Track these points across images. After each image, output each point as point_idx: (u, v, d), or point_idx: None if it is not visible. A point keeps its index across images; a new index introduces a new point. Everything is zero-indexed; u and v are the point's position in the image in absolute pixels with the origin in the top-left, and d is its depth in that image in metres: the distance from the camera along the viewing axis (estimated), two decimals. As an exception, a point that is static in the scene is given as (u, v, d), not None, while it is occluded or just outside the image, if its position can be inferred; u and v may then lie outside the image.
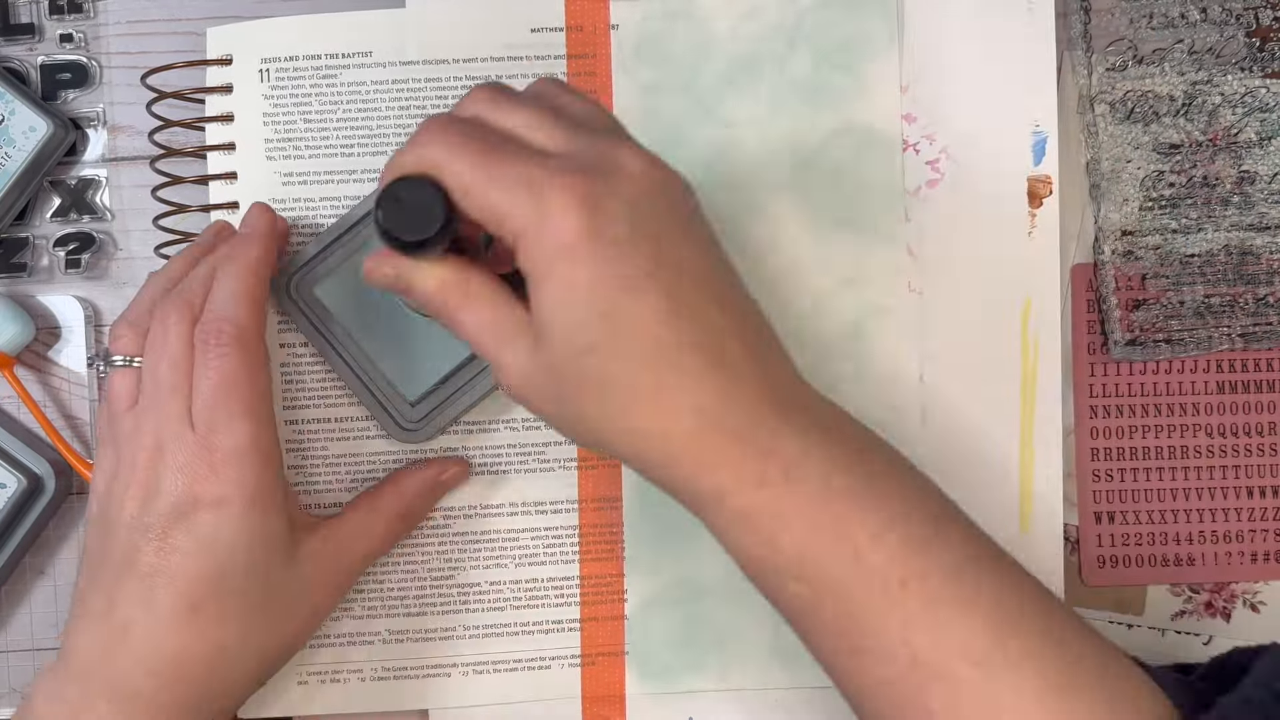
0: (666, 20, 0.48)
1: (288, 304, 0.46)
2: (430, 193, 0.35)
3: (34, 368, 0.50)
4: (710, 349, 0.35)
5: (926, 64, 0.48)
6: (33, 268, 0.49)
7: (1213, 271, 0.49)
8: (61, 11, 0.49)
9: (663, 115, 0.48)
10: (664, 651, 0.48)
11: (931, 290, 0.48)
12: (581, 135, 0.35)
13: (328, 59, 0.47)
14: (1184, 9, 0.49)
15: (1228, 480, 0.49)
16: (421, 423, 0.46)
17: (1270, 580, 0.49)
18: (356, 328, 0.45)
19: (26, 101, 0.47)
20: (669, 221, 0.35)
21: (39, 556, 0.49)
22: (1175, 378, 0.49)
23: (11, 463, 0.47)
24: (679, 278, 0.35)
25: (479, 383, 0.46)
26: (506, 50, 0.48)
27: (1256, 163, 0.49)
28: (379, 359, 0.45)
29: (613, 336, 0.34)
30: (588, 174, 0.34)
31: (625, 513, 0.48)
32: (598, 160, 0.35)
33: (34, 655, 0.50)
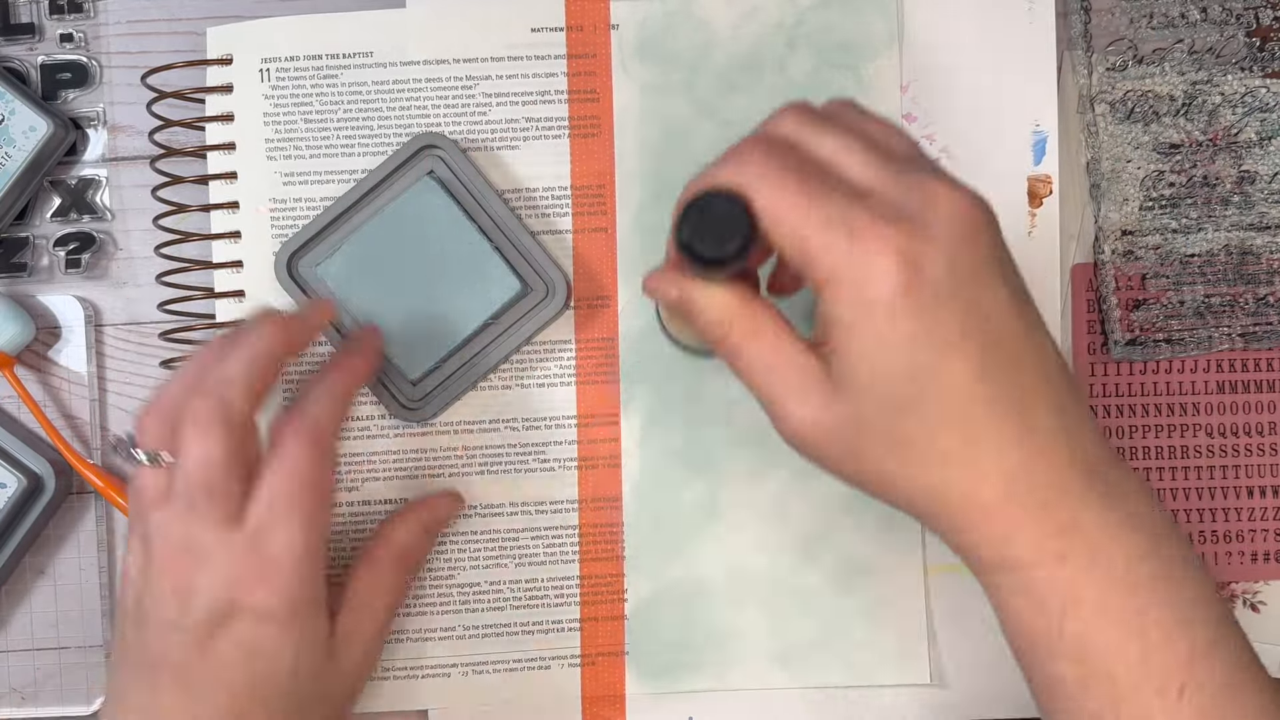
0: (666, 20, 0.48)
1: (289, 284, 0.46)
2: (736, 211, 0.33)
3: (34, 368, 0.50)
4: (1020, 412, 0.33)
5: (926, 64, 0.48)
6: (33, 267, 0.49)
7: (1213, 271, 0.49)
8: (61, 11, 0.49)
9: (663, 115, 0.48)
10: (664, 651, 0.48)
11: (932, 290, 0.48)
12: (893, 167, 0.34)
13: (328, 59, 0.48)
14: (1184, 9, 0.49)
15: (1228, 480, 0.49)
16: (423, 401, 0.46)
17: (1270, 580, 0.49)
18: (358, 307, 0.46)
19: (26, 101, 0.47)
20: (984, 271, 0.33)
21: (39, 556, 0.49)
22: (1175, 378, 0.49)
23: (11, 463, 0.47)
24: (993, 335, 0.33)
25: (480, 361, 0.46)
26: (507, 50, 0.48)
27: (1257, 162, 0.49)
28: None
29: (923, 395, 0.33)
30: (907, 222, 0.32)
31: (625, 513, 0.48)
32: (914, 201, 0.33)
33: (34, 655, 0.50)
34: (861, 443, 0.34)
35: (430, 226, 0.45)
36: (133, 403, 0.50)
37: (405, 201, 0.45)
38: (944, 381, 0.33)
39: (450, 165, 0.46)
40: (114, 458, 0.43)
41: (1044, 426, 0.33)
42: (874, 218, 0.32)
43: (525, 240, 0.46)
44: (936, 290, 0.32)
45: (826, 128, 0.35)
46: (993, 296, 0.33)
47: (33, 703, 0.50)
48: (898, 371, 0.33)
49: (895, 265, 0.32)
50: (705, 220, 0.34)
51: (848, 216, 0.32)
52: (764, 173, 0.33)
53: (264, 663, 0.38)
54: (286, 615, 0.38)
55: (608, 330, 0.48)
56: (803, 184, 0.33)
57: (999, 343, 0.33)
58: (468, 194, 0.47)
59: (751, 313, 0.35)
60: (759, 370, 0.35)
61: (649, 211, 0.48)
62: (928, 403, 0.33)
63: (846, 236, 0.32)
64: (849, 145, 0.34)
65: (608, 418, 0.48)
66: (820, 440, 0.35)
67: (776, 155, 0.34)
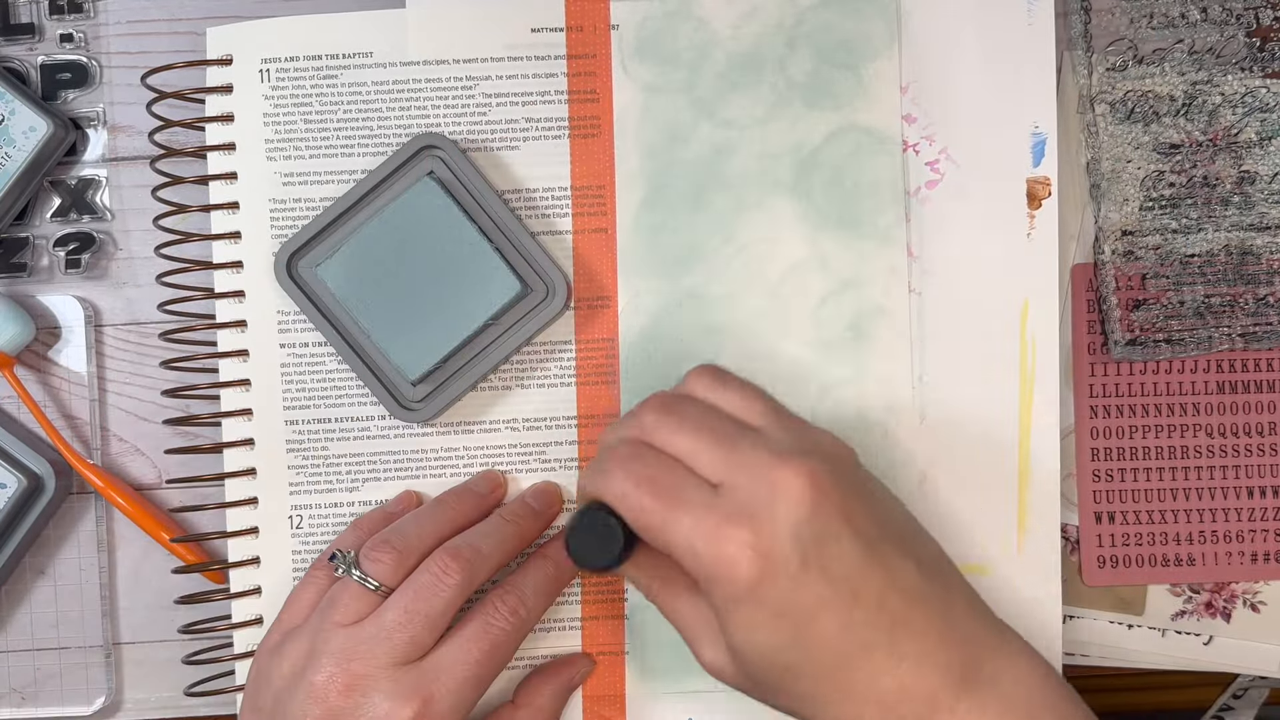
0: (666, 20, 0.48)
1: (289, 285, 0.46)
2: (610, 524, 0.39)
3: (34, 368, 0.50)
4: (888, 648, 0.37)
5: (926, 64, 0.48)
6: (33, 268, 0.49)
7: (1213, 271, 0.49)
8: (62, 11, 0.49)
9: (663, 115, 0.48)
10: (664, 651, 0.48)
11: (931, 290, 0.48)
12: (738, 455, 0.38)
13: (328, 59, 0.47)
14: (1184, 9, 0.49)
15: (1228, 480, 0.49)
16: (423, 402, 0.46)
17: (1270, 580, 0.49)
18: (358, 308, 0.46)
19: (26, 101, 0.47)
20: (833, 535, 0.37)
21: (39, 556, 0.50)
22: (1175, 378, 0.49)
23: (11, 463, 0.47)
24: (849, 589, 0.37)
25: (480, 362, 0.46)
26: (507, 50, 0.48)
27: (1257, 163, 0.49)
28: (381, 339, 0.46)
29: (801, 658, 0.37)
30: (752, 515, 0.37)
31: (625, 513, 0.48)
32: (757, 490, 0.37)
33: (34, 655, 0.50)
34: (766, 692, 0.39)
35: (430, 227, 0.45)
36: (133, 403, 0.50)
37: (405, 202, 0.45)
38: (815, 644, 0.37)
39: (450, 166, 0.46)
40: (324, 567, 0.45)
41: (913, 653, 0.37)
42: (722, 519, 0.37)
43: (525, 241, 0.46)
44: (790, 572, 0.36)
45: (679, 423, 0.40)
46: (843, 556, 0.37)
47: (33, 703, 0.50)
48: (775, 646, 0.37)
49: (750, 561, 0.36)
50: (586, 536, 0.40)
51: (701, 524, 0.37)
52: (623, 488, 0.39)
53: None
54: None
55: (608, 330, 0.48)
56: (656, 495, 0.38)
57: (856, 597, 0.37)
58: (468, 194, 0.47)
59: (662, 575, 0.41)
60: (674, 621, 0.41)
61: (649, 211, 0.48)
62: (808, 663, 0.37)
63: (704, 543, 0.37)
64: (698, 443, 0.39)
65: (608, 418, 0.48)
66: (730, 681, 0.40)
67: (633, 465, 0.39)
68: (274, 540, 0.48)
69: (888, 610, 0.37)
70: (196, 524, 0.49)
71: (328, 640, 0.41)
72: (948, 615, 0.39)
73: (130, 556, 0.50)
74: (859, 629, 0.37)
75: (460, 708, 0.41)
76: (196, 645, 0.48)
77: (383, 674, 0.40)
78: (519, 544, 0.45)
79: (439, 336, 0.45)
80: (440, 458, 0.48)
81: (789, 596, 0.37)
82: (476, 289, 0.45)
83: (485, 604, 0.43)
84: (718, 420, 0.40)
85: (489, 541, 0.43)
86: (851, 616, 0.37)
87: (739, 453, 0.38)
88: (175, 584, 0.49)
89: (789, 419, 0.41)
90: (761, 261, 0.48)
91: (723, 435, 0.39)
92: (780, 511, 0.37)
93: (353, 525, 0.46)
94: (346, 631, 0.41)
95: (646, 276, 0.48)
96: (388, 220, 0.45)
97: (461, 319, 0.45)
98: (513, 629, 0.42)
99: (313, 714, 0.40)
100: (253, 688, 0.42)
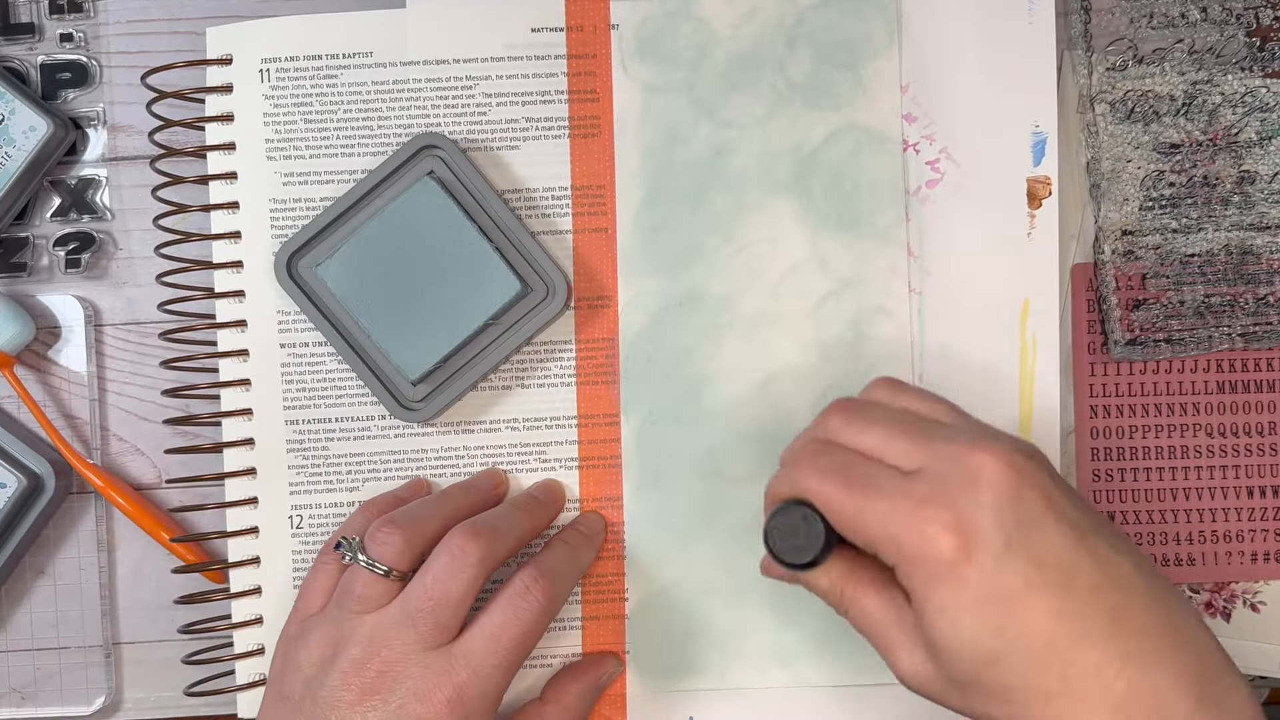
0: (666, 20, 0.48)
1: (289, 285, 0.46)
2: (810, 519, 0.38)
3: (34, 367, 0.50)
4: (1109, 643, 0.34)
5: (926, 64, 0.48)
6: (33, 267, 0.49)
7: (1213, 271, 0.49)
8: (61, 11, 0.49)
9: (663, 115, 0.48)
10: (664, 651, 0.48)
11: (931, 290, 0.48)
12: (932, 444, 0.37)
13: (328, 59, 0.47)
14: (1184, 8, 0.49)
15: (1228, 480, 0.49)
16: (423, 402, 0.46)
17: (1270, 580, 0.49)
18: (358, 308, 0.46)
19: (26, 101, 0.47)
20: (1038, 520, 0.35)
21: (39, 556, 0.50)
22: (1175, 378, 0.49)
23: (11, 463, 0.47)
24: (1060, 577, 0.35)
25: (480, 362, 0.46)
26: (507, 50, 0.48)
27: (1257, 162, 0.49)
28: (381, 339, 0.46)
29: (1009, 647, 0.35)
30: (951, 495, 0.35)
31: (625, 513, 0.48)
32: (956, 474, 0.36)
33: (34, 655, 0.50)
34: (966, 692, 0.36)
35: (430, 227, 0.45)
36: (132, 402, 0.50)
37: (405, 202, 0.45)
38: (1024, 631, 0.34)
39: (450, 165, 0.46)
40: (331, 554, 0.44)
41: (1141, 653, 0.34)
42: (920, 500, 0.36)
43: (525, 240, 0.46)
44: (994, 552, 0.35)
45: (867, 421, 0.39)
46: (1051, 542, 0.35)
47: (33, 703, 0.50)
48: (979, 632, 0.35)
49: (951, 540, 0.35)
50: (785, 533, 0.38)
51: (897, 508, 0.36)
52: (818, 481, 0.37)
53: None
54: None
55: (608, 330, 0.48)
56: (851, 484, 0.37)
57: (1069, 584, 0.35)
58: (468, 194, 0.47)
59: (855, 578, 0.39)
60: (867, 627, 0.39)
61: (649, 211, 0.48)
62: (1014, 654, 0.35)
63: (901, 526, 0.35)
64: (889, 435, 0.38)
65: (608, 418, 0.48)
66: (930, 688, 0.37)
67: (824, 460, 0.38)
68: (274, 540, 0.48)
69: (1105, 602, 0.35)
70: (196, 524, 0.49)
71: (354, 628, 0.41)
72: (1171, 619, 0.35)
73: (130, 556, 0.50)
74: (1072, 618, 0.34)
75: (491, 693, 0.41)
76: (196, 645, 0.48)
77: (413, 660, 0.40)
78: (531, 532, 0.45)
79: (439, 336, 0.45)
80: (440, 457, 0.48)
81: (993, 578, 0.34)
82: (476, 289, 0.45)
83: (514, 586, 0.42)
84: (905, 416, 0.39)
85: (504, 523, 0.43)
86: (1063, 603, 0.34)
87: (932, 442, 0.37)
88: (175, 584, 0.49)
89: (976, 420, 0.40)
90: (761, 261, 0.48)
91: (913, 428, 0.38)
92: (981, 493, 0.35)
93: (362, 508, 0.46)
94: (372, 618, 0.41)
95: (646, 276, 0.48)
96: (388, 220, 0.45)
97: (461, 319, 0.45)
98: (543, 611, 0.42)
99: (345, 700, 0.40)
100: (278, 675, 0.42)
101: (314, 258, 0.47)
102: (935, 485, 0.36)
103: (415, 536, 0.42)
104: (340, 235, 0.46)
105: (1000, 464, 0.36)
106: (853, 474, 0.37)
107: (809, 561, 0.38)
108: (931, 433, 0.38)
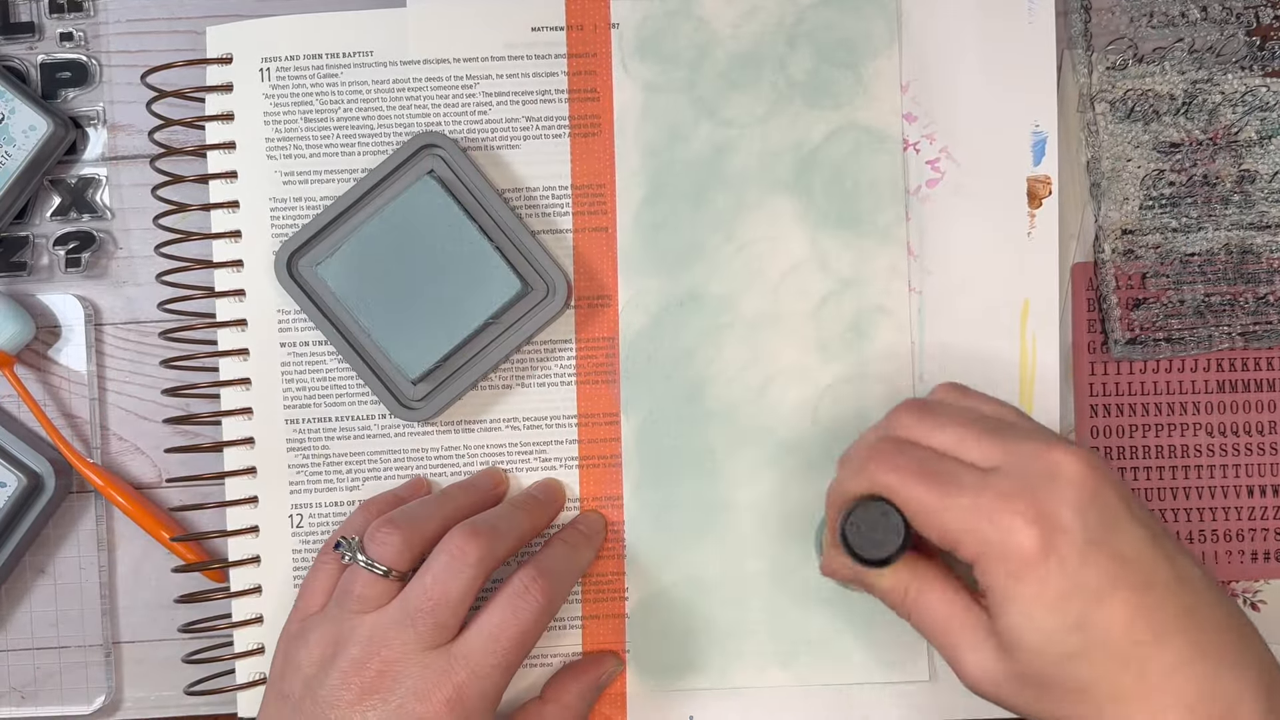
0: (667, 19, 0.48)
1: (289, 284, 0.46)
2: (889, 515, 0.38)
3: (34, 367, 0.50)
4: (1186, 643, 0.35)
5: (926, 64, 0.48)
6: (33, 266, 0.49)
7: (1213, 270, 0.49)
8: (61, 10, 0.49)
9: (663, 114, 0.48)
10: (664, 651, 0.48)
11: (931, 290, 0.48)
12: (1008, 442, 0.37)
13: (328, 58, 0.47)
14: (1184, 8, 0.49)
15: (1228, 480, 0.49)
16: (423, 401, 0.46)
17: (1270, 580, 0.49)
18: (358, 307, 0.46)
19: (26, 100, 0.47)
20: (1116, 519, 0.36)
21: (39, 556, 0.49)
22: (1175, 377, 0.49)
23: (11, 462, 0.47)
24: (1141, 575, 0.35)
25: (480, 361, 0.46)
26: (507, 49, 0.48)
27: (1257, 161, 0.49)
28: (381, 338, 0.46)
29: (1088, 644, 0.35)
30: (1033, 491, 0.35)
31: (625, 513, 0.48)
32: (1034, 468, 0.36)
33: (34, 655, 0.50)
34: (1039, 692, 0.36)
35: (430, 226, 0.45)
36: (133, 402, 0.50)
37: (405, 201, 0.45)
38: (1105, 628, 0.34)
39: (450, 164, 0.46)
40: (331, 553, 0.44)
41: (1215, 654, 0.35)
42: (1001, 494, 0.35)
43: (526, 240, 0.46)
44: (1077, 547, 0.35)
45: (939, 419, 0.39)
46: (1130, 540, 0.35)
47: (33, 702, 0.50)
48: (1059, 627, 0.35)
49: (1034, 534, 0.35)
50: (863, 527, 0.38)
51: (979, 502, 0.36)
52: (898, 477, 0.37)
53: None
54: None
55: (608, 330, 0.48)
56: (931, 480, 0.37)
57: (1149, 581, 0.35)
58: (468, 193, 0.47)
59: (920, 576, 0.39)
60: (932, 626, 0.38)
61: (649, 211, 0.48)
62: (1094, 650, 0.35)
63: (983, 520, 0.35)
64: (964, 430, 0.38)
65: (608, 417, 0.48)
66: (997, 688, 0.37)
67: (905, 458, 0.38)
68: (274, 539, 0.48)
69: (1181, 601, 0.35)
70: (196, 523, 0.49)
71: (354, 628, 0.41)
72: (1238, 620, 0.36)
73: (130, 555, 0.50)
74: (1153, 615, 0.34)
75: (490, 693, 0.41)
76: (196, 644, 0.48)
77: (413, 659, 0.40)
78: (531, 531, 0.45)
79: (439, 335, 0.45)
80: (441, 456, 0.48)
81: (1076, 573, 0.34)
82: (477, 288, 0.45)
83: (512, 586, 0.42)
84: (979, 416, 0.39)
85: (504, 523, 0.43)
86: (1145, 600, 0.35)
87: (1008, 440, 0.37)
88: (175, 583, 0.49)
89: (1039, 423, 0.40)
90: (762, 260, 0.48)
91: (988, 427, 0.38)
92: (1062, 489, 0.35)
93: (361, 507, 0.46)
94: (372, 618, 0.41)
95: (647, 275, 0.48)
96: (388, 219, 0.45)
97: (462, 318, 0.45)
98: (542, 610, 0.42)
99: (344, 700, 0.40)
100: (278, 673, 0.42)
101: (314, 257, 0.47)
102: (1016, 481, 0.36)
103: (415, 536, 0.42)
104: (340, 234, 0.46)
105: (1080, 463, 0.36)
106: (932, 470, 0.37)
107: (885, 558, 0.38)
108: (1005, 432, 0.38)
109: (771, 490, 0.48)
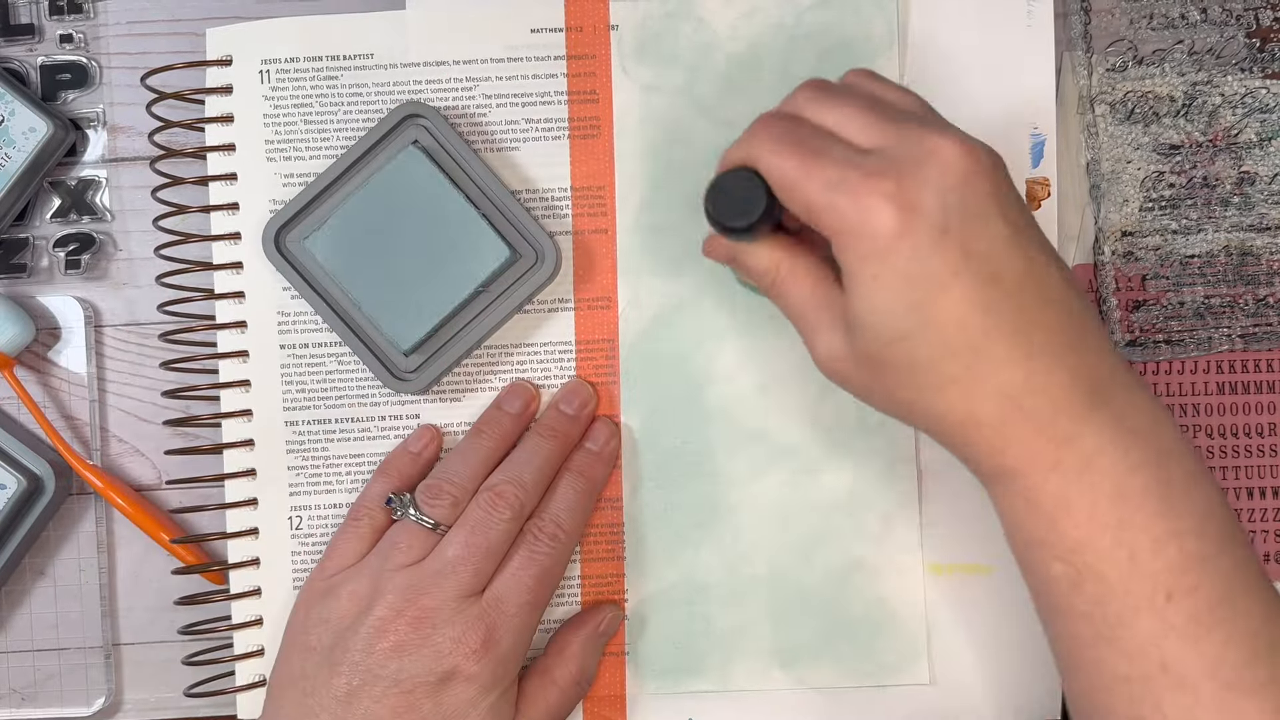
0: (666, 20, 0.48)
1: (277, 259, 0.46)
2: (754, 184, 0.38)
3: (34, 368, 0.50)
4: (1017, 337, 0.35)
5: (926, 64, 0.48)
6: (33, 268, 0.49)
7: (1213, 272, 0.49)
8: (61, 12, 0.49)
9: (663, 116, 0.48)
10: (664, 651, 0.48)
11: (931, 291, 0.48)
12: (894, 125, 0.37)
13: (328, 60, 0.48)
14: (1184, 9, 0.49)
15: (1228, 480, 0.49)
16: (415, 373, 0.46)
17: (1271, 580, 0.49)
18: (348, 280, 0.46)
19: (26, 102, 0.47)
20: (983, 209, 0.35)
21: (39, 557, 0.50)
22: (1175, 378, 0.49)
23: (11, 463, 0.47)
24: (988, 268, 0.35)
25: (470, 332, 0.46)
26: (506, 51, 0.48)
27: (1257, 163, 0.49)
28: (371, 310, 0.46)
29: (922, 327, 0.35)
30: (900, 171, 0.35)
31: (625, 513, 0.48)
32: (910, 152, 0.36)
33: (34, 655, 0.50)
34: (879, 373, 0.37)
35: (416, 196, 0.45)
36: (132, 403, 0.50)
37: (391, 172, 0.45)
38: (941, 315, 0.35)
39: (434, 134, 0.46)
40: (359, 518, 0.45)
41: (1044, 351, 0.35)
42: (868, 173, 0.35)
43: (512, 206, 0.46)
44: (929, 234, 0.35)
45: (834, 98, 0.38)
46: (988, 233, 0.35)
47: (33, 703, 0.50)
48: (897, 308, 0.35)
49: (890, 214, 0.35)
50: (726, 196, 0.39)
51: (844, 176, 0.35)
52: (770, 147, 0.37)
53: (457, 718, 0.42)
54: (490, 681, 0.42)
55: (608, 331, 0.48)
56: (803, 153, 0.37)
57: (995, 276, 0.35)
58: (453, 162, 0.46)
59: (791, 260, 0.40)
60: (795, 309, 0.40)
61: (649, 212, 0.48)
62: (928, 334, 0.35)
63: (842, 193, 0.35)
64: (854, 111, 0.37)
65: (608, 417, 0.48)
66: (845, 371, 0.38)
67: (781, 129, 0.38)
68: (274, 541, 0.48)
69: (1024, 300, 0.35)
70: (196, 525, 0.49)
71: (392, 578, 0.42)
72: (1083, 326, 0.37)
73: (130, 557, 0.50)
74: (990, 310, 0.35)
75: (521, 631, 0.43)
76: (196, 646, 0.48)
77: (448, 607, 0.42)
78: (562, 454, 0.46)
79: (429, 306, 0.45)
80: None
81: (924, 259, 0.35)
82: (465, 256, 0.45)
83: (525, 535, 0.44)
84: (876, 100, 0.38)
85: (530, 469, 0.44)
86: (986, 294, 0.35)
87: (896, 124, 0.37)
88: (175, 585, 0.49)
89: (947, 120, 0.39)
90: (761, 262, 0.48)
91: (880, 111, 0.37)
92: (930, 173, 0.35)
93: (381, 469, 0.46)
94: (411, 570, 0.42)
95: (646, 277, 0.48)
96: (374, 191, 0.45)
97: (451, 287, 0.45)
98: (555, 551, 0.44)
99: (380, 648, 0.41)
100: (299, 629, 0.43)
101: (302, 231, 0.46)
102: (887, 162, 0.35)
103: (463, 495, 0.44)
104: (327, 208, 0.46)
105: (958, 150, 0.35)
106: (804, 142, 0.37)
107: (746, 227, 0.38)
108: (897, 117, 0.37)
109: (771, 490, 0.48)
